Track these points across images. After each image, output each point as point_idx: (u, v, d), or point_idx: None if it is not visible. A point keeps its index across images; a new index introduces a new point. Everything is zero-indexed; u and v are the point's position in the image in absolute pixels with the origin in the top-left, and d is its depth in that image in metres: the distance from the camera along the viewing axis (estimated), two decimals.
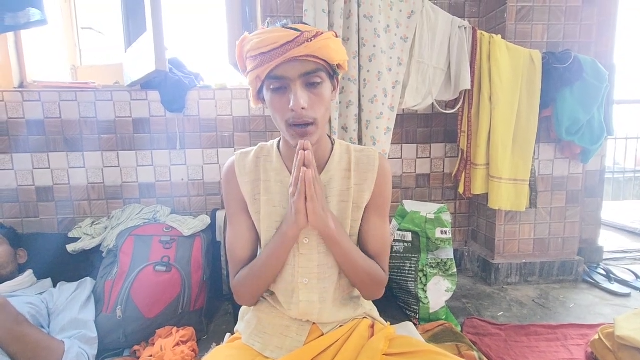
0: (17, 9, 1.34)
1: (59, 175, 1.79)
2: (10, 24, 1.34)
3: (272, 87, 0.70)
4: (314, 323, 0.79)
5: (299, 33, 0.66)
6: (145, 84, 1.77)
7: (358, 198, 0.80)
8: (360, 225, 0.82)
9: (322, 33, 0.68)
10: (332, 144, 0.83)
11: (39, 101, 1.73)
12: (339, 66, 0.75)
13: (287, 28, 0.67)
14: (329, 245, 0.76)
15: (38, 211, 1.80)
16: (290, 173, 0.78)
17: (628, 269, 2.01)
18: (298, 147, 0.68)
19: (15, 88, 1.78)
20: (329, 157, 0.81)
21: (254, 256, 0.82)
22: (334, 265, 0.79)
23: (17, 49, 1.82)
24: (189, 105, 1.82)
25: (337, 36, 0.72)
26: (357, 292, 0.86)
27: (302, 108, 0.67)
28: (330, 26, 1.39)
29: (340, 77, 0.80)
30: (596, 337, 1.25)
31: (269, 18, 0.70)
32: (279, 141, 0.83)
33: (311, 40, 0.66)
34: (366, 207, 0.81)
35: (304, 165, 0.67)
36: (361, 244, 0.84)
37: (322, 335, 0.78)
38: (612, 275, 1.90)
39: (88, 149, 1.79)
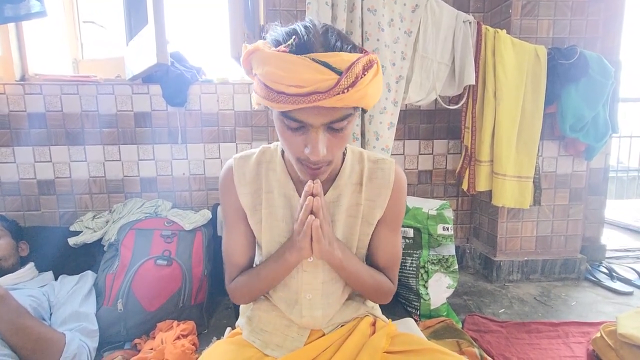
0: (18, 0, 1.34)
1: (61, 168, 1.79)
2: (10, 15, 1.33)
3: (286, 122, 0.58)
4: None
5: (333, 80, 0.51)
6: (147, 77, 1.76)
7: (369, 214, 0.76)
8: (371, 237, 0.79)
9: (363, 76, 0.53)
10: (344, 153, 0.76)
11: (40, 94, 1.73)
12: None
13: (318, 62, 0.52)
14: (335, 269, 0.74)
15: (40, 204, 1.80)
16: (294, 184, 0.74)
17: (631, 268, 2.00)
18: (306, 189, 0.63)
19: (16, 81, 1.77)
20: (339, 170, 0.74)
21: (251, 261, 0.81)
22: (339, 279, 0.77)
23: (18, 42, 1.81)
24: (191, 100, 1.82)
25: (377, 64, 0.56)
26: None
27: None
28: (334, 19, 1.37)
29: None
30: (598, 334, 1.24)
31: (294, 27, 0.55)
32: None
33: (347, 91, 0.52)
34: (378, 221, 0.77)
35: (312, 212, 0.63)
36: (370, 255, 0.81)
37: (324, 335, 0.77)
38: (614, 274, 1.89)
39: (89, 142, 1.78)
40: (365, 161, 0.76)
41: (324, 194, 0.69)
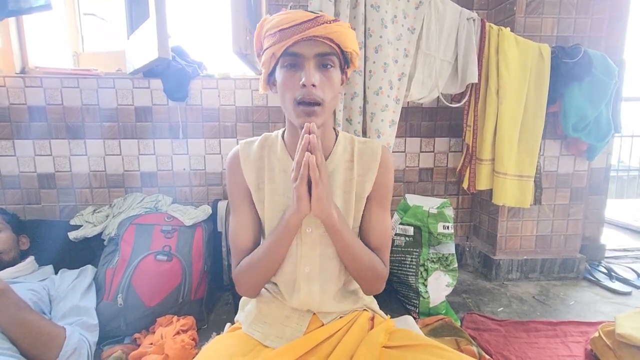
0: None
1: (61, 162, 1.79)
2: (14, 8, 1.32)
3: (286, 63, 0.71)
4: (314, 313, 0.80)
5: (319, 14, 0.70)
6: (148, 72, 1.75)
7: (360, 189, 0.81)
8: (362, 216, 0.83)
9: (340, 20, 0.72)
10: (337, 136, 0.83)
11: (40, 87, 1.72)
12: (351, 59, 0.77)
13: (309, 11, 0.71)
14: (330, 235, 0.75)
15: (40, 198, 1.80)
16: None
17: (629, 268, 2.00)
18: (303, 131, 0.67)
19: (17, 73, 1.77)
20: (333, 148, 0.81)
21: (256, 245, 0.82)
22: (336, 256, 0.79)
23: (19, 34, 1.80)
24: (192, 95, 1.81)
25: (352, 28, 0.76)
26: (357, 285, 0.86)
27: (313, 85, 0.68)
28: (336, 15, 1.36)
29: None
30: (596, 334, 1.25)
31: (291, 2, 0.74)
32: (284, 131, 0.83)
33: (330, 23, 0.69)
34: (368, 197, 0.81)
35: (309, 149, 0.66)
36: (362, 236, 0.84)
37: (322, 325, 0.78)
38: (613, 274, 1.90)
39: (90, 136, 1.78)
40: (355, 142, 0.84)
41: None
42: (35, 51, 1.85)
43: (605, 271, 1.93)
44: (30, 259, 1.38)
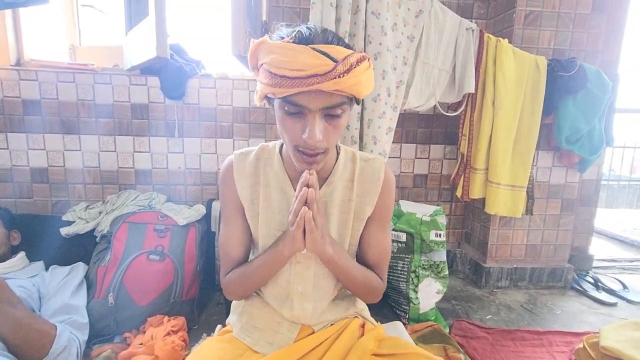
0: None
1: (54, 157, 1.77)
2: (10, 1, 1.30)
3: (286, 108, 0.62)
4: None
5: (331, 65, 0.57)
6: (145, 69, 1.74)
7: (360, 210, 0.79)
8: (361, 235, 0.81)
9: (357, 65, 0.59)
10: (338, 152, 0.80)
11: (35, 81, 1.70)
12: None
13: (317, 51, 0.57)
14: (326, 266, 0.75)
15: (32, 192, 1.78)
16: (291, 180, 0.77)
17: (616, 278, 2.04)
18: (302, 180, 0.64)
19: (12, 66, 1.74)
20: (333, 168, 0.78)
21: (246, 256, 0.82)
22: (330, 275, 0.79)
23: (15, 26, 1.77)
24: (189, 93, 1.80)
25: (368, 60, 0.62)
26: (349, 292, 0.87)
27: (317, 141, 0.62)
28: (337, 21, 1.36)
29: None
30: (581, 345, 1.27)
31: (298, 28, 0.61)
32: (282, 145, 0.80)
33: (343, 76, 0.57)
34: (368, 218, 0.80)
35: (306, 203, 0.64)
36: (360, 253, 0.83)
37: (313, 333, 0.79)
38: (600, 284, 1.93)
39: (85, 132, 1.76)
40: (357, 160, 0.80)
41: (319, 189, 0.71)
42: (31, 43, 1.83)
43: (592, 281, 1.96)
44: (22, 254, 1.37)
